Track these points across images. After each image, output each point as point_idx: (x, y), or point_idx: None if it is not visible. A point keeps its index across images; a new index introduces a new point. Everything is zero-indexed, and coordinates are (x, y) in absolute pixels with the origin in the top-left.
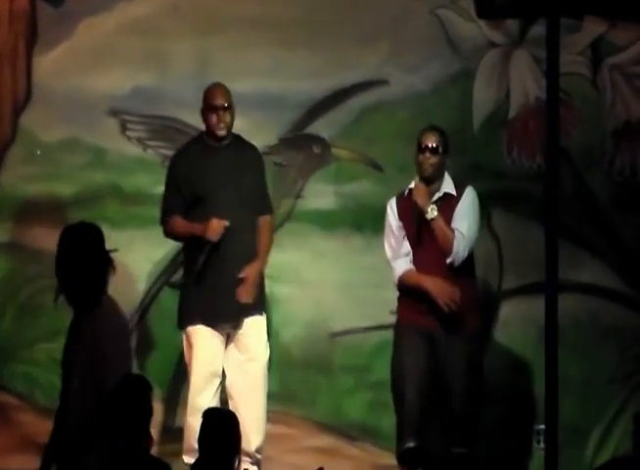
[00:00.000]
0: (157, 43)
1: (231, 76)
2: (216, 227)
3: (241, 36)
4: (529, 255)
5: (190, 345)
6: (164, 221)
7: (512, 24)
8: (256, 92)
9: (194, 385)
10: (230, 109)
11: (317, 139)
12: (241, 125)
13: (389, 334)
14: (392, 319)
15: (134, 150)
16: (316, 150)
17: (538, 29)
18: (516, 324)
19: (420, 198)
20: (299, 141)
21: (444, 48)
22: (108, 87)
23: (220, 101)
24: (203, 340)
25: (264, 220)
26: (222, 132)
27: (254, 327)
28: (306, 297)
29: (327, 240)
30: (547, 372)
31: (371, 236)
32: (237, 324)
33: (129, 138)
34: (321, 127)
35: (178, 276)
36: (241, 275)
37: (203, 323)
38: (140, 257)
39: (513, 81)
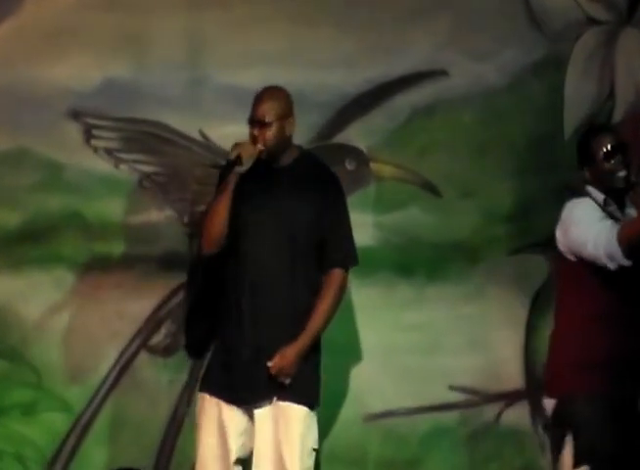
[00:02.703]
0: (133, 21)
1: (231, 65)
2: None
3: (244, 11)
4: None
5: (199, 412)
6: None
7: None
8: (266, 86)
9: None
10: (272, 125)
11: (351, 151)
12: (246, 131)
13: (444, 418)
14: (449, 397)
15: (102, 166)
16: (349, 166)
17: None
18: None
19: None
20: (327, 153)
21: (525, 27)
22: (67, 80)
23: (259, 114)
24: (211, 414)
25: (331, 276)
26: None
27: (290, 423)
28: (335, 365)
29: (363, 288)
30: None
31: (423, 284)
32: (259, 406)
33: (96, 149)
34: (356, 135)
35: (160, 338)
36: (269, 363)
37: (215, 394)
38: (109, 310)
39: (619, 71)
